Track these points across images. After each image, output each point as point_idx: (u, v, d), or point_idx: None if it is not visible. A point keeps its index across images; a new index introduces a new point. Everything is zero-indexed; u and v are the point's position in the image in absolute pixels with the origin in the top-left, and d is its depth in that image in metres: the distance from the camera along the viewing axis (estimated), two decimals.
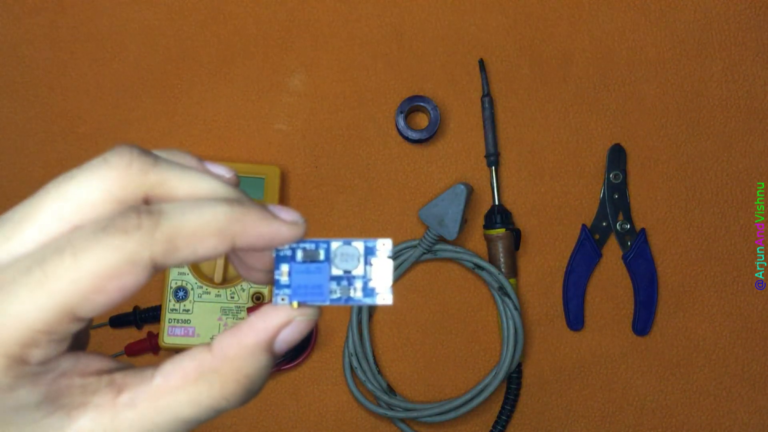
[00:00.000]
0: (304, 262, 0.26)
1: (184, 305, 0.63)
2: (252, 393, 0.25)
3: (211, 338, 0.25)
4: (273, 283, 0.26)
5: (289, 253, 0.26)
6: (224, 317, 0.63)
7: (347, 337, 0.65)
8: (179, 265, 0.24)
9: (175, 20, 0.70)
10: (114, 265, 0.22)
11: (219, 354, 0.24)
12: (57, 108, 0.69)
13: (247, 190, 0.68)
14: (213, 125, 0.69)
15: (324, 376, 0.66)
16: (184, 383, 0.24)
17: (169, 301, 0.63)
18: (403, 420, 0.65)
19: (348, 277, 0.26)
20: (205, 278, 0.63)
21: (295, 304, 0.26)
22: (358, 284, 0.26)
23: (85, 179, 0.23)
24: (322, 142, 0.69)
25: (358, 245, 0.26)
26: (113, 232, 0.22)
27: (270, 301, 0.28)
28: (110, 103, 0.69)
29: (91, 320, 0.28)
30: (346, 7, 0.70)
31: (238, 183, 0.27)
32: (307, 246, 0.26)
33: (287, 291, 0.26)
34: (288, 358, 0.64)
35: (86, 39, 0.70)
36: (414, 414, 0.64)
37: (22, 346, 0.22)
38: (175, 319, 0.62)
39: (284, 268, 0.26)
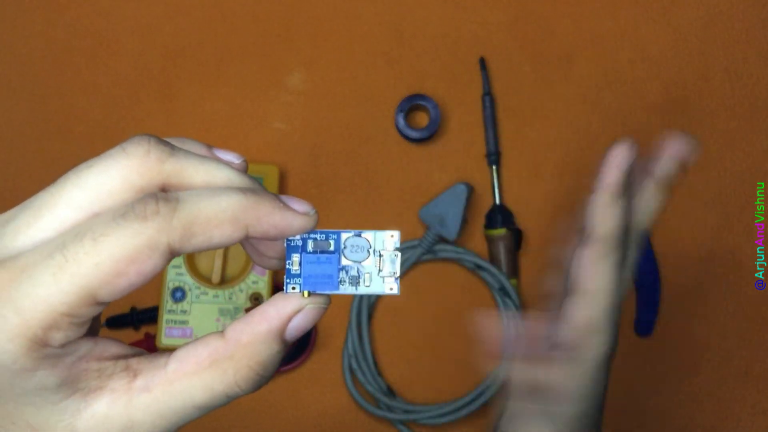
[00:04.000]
0: (314, 252, 0.27)
1: (182, 306, 0.62)
2: (264, 379, 0.26)
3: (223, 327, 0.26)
4: (284, 271, 0.27)
5: (299, 243, 0.27)
6: (222, 318, 0.62)
7: (347, 339, 0.65)
8: (195, 251, 0.25)
9: (173, 18, 0.70)
10: (133, 250, 0.23)
11: (232, 341, 0.25)
12: (54, 107, 0.68)
13: None
14: (211, 124, 0.68)
15: (323, 377, 0.65)
16: (198, 369, 0.25)
17: (167, 301, 0.62)
18: (402, 422, 0.64)
19: (357, 268, 0.27)
20: (203, 279, 0.63)
21: (305, 293, 0.27)
22: (367, 274, 0.27)
23: (104, 168, 0.24)
24: (322, 141, 0.68)
25: (368, 236, 0.27)
26: (132, 218, 0.23)
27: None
28: (108, 101, 0.68)
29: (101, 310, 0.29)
30: (345, 5, 0.70)
31: (246, 169, 0.28)
32: (318, 237, 0.27)
33: (298, 280, 0.27)
34: (287, 360, 0.63)
35: (83, 37, 0.69)
36: (414, 416, 0.63)
37: (44, 329, 0.22)
38: (172, 320, 0.62)
39: (295, 258, 0.27)
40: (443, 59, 0.69)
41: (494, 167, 0.67)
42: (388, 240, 0.27)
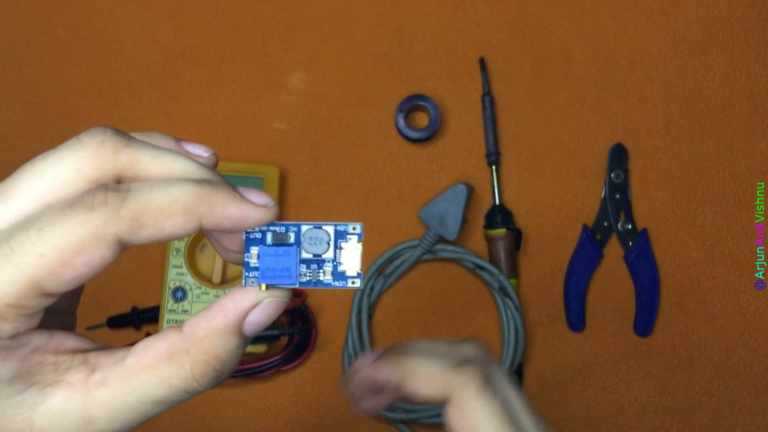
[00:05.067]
0: (273, 245, 0.27)
1: (183, 306, 0.62)
2: (223, 374, 0.25)
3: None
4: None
5: (259, 235, 0.27)
6: None
7: (347, 339, 0.65)
8: (147, 243, 0.24)
9: (174, 19, 0.70)
10: (79, 240, 0.22)
11: (189, 335, 0.25)
12: (55, 107, 0.68)
13: None
14: (212, 124, 0.68)
15: (323, 377, 0.65)
16: (155, 363, 0.24)
17: (168, 301, 0.62)
18: (403, 421, 0.64)
19: (318, 261, 0.27)
20: (204, 279, 0.63)
21: (263, 286, 0.26)
22: (328, 268, 0.27)
23: (59, 159, 0.24)
24: (322, 141, 0.68)
25: (328, 229, 0.27)
26: (79, 208, 0.23)
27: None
28: (108, 102, 0.68)
29: (76, 302, 0.28)
30: (345, 6, 0.70)
31: (215, 163, 0.27)
32: (278, 229, 0.27)
33: (256, 273, 0.26)
34: (287, 359, 0.63)
35: (84, 38, 0.69)
36: (414, 415, 0.63)
37: None
38: (173, 320, 0.62)
39: (254, 250, 0.27)
40: (443, 60, 0.69)
41: (494, 167, 0.67)
42: (350, 232, 0.27)
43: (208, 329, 0.25)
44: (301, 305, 0.63)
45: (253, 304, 0.25)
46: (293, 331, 0.63)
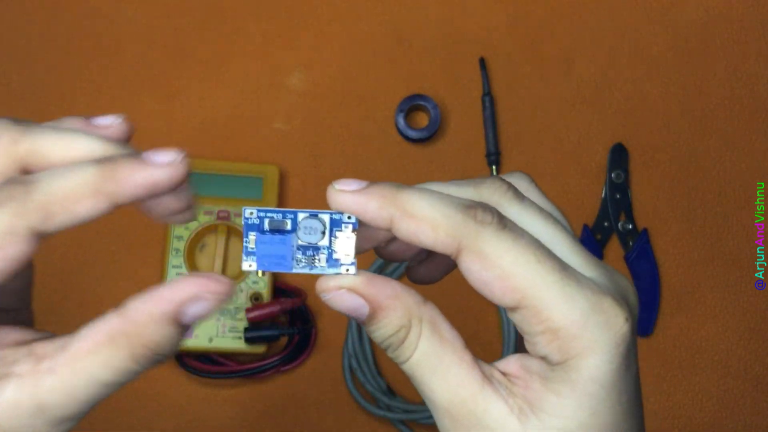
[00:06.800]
0: (270, 231, 0.27)
1: None
2: (162, 357, 0.25)
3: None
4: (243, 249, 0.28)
5: (257, 221, 0.27)
6: (222, 318, 0.62)
7: (347, 338, 0.65)
8: (66, 228, 0.24)
9: (174, 19, 0.70)
10: None
11: (128, 318, 0.25)
12: (54, 107, 0.68)
13: (246, 190, 0.67)
14: (211, 124, 0.68)
15: (323, 377, 0.65)
16: (97, 347, 0.24)
17: None
18: (402, 422, 0.64)
19: (313, 248, 0.27)
20: None
21: (260, 272, 0.27)
22: (323, 255, 0.27)
23: None
24: (322, 141, 0.68)
25: (324, 217, 0.27)
26: None
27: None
28: (108, 102, 0.68)
29: (26, 298, 0.29)
30: (345, 5, 0.70)
31: (126, 130, 0.28)
32: (275, 216, 0.27)
33: (253, 258, 0.27)
34: (287, 360, 0.63)
35: (84, 37, 0.69)
36: (414, 416, 0.63)
37: None
38: None
39: (251, 236, 0.27)
40: (443, 59, 0.69)
41: (494, 167, 0.67)
42: (345, 221, 0.27)
43: (144, 315, 0.25)
44: (301, 305, 0.63)
45: (190, 297, 0.25)
46: (293, 332, 0.62)
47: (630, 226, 0.67)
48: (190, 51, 0.69)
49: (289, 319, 0.64)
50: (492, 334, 0.66)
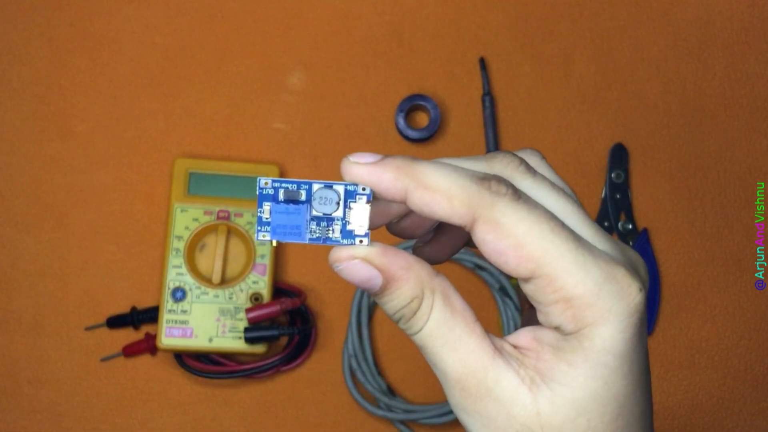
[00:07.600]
0: (285, 201, 0.27)
1: (182, 306, 0.62)
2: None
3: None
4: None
5: (272, 192, 0.27)
6: (222, 318, 0.62)
7: (346, 338, 0.65)
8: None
9: (173, 18, 0.70)
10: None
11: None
12: (54, 107, 0.68)
13: (246, 190, 0.67)
14: (211, 124, 0.68)
15: (323, 377, 0.65)
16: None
17: (167, 301, 0.62)
18: (403, 422, 0.64)
19: (327, 218, 0.27)
20: (204, 279, 0.63)
21: (274, 242, 0.27)
22: (337, 226, 0.27)
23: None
24: (322, 141, 0.68)
25: (339, 188, 0.27)
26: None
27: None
28: (107, 101, 0.68)
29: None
30: (345, 5, 0.70)
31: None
32: (290, 186, 0.27)
33: (268, 228, 0.27)
34: (287, 360, 0.63)
35: (83, 37, 0.69)
36: (414, 416, 0.63)
37: None
38: (173, 320, 0.62)
39: (266, 206, 0.27)
40: (443, 59, 0.69)
41: None
42: (360, 193, 0.27)
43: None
44: (301, 305, 0.63)
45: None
46: (293, 331, 0.62)
47: (630, 226, 0.67)
48: (190, 51, 0.69)
49: (289, 319, 0.64)
50: (491, 331, 0.66)
